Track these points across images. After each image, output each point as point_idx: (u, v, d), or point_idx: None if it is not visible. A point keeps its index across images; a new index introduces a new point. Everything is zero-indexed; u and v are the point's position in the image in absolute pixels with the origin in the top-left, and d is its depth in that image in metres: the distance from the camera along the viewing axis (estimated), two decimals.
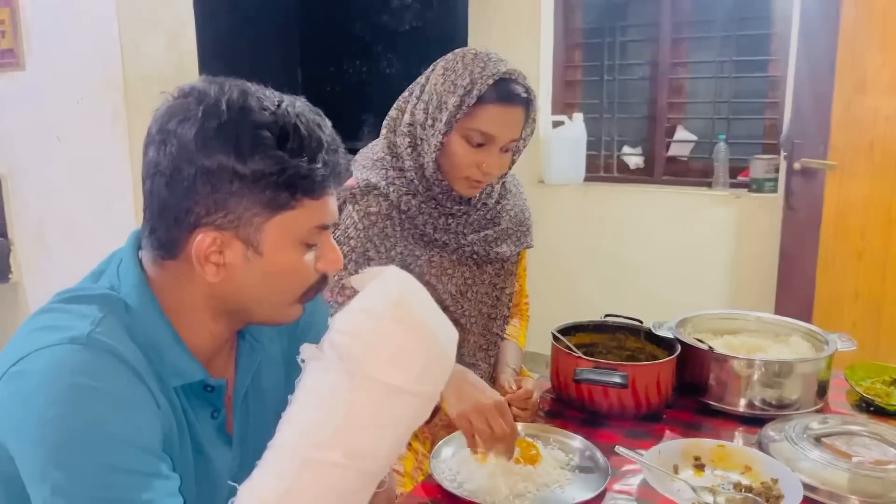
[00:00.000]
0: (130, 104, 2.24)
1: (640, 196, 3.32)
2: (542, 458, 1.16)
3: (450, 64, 1.31)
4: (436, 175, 1.32)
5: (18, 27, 2.45)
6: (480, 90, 1.25)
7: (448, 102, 1.27)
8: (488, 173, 1.31)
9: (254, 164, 0.76)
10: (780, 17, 2.99)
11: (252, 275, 0.81)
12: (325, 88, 3.98)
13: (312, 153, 0.79)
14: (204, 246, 0.78)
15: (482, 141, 1.28)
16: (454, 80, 1.27)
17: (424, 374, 0.72)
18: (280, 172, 0.77)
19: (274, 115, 0.78)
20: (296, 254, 0.82)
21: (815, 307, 2.62)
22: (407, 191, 1.35)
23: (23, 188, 2.64)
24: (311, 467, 0.69)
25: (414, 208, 1.35)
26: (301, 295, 0.86)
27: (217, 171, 0.76)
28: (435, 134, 1.29)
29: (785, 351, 1.46)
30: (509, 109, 1.28)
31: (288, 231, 0.80)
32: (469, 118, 1.27)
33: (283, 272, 0.82)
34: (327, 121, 0.84)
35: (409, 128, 1.34)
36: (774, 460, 1.11)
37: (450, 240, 1.39)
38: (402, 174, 1.35)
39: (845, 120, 2.53)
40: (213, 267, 0.80)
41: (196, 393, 0.85)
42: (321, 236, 0.85)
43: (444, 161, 1.32)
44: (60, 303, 0.81)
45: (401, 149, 1.35)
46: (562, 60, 3.55)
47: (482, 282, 1.46)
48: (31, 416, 0.71)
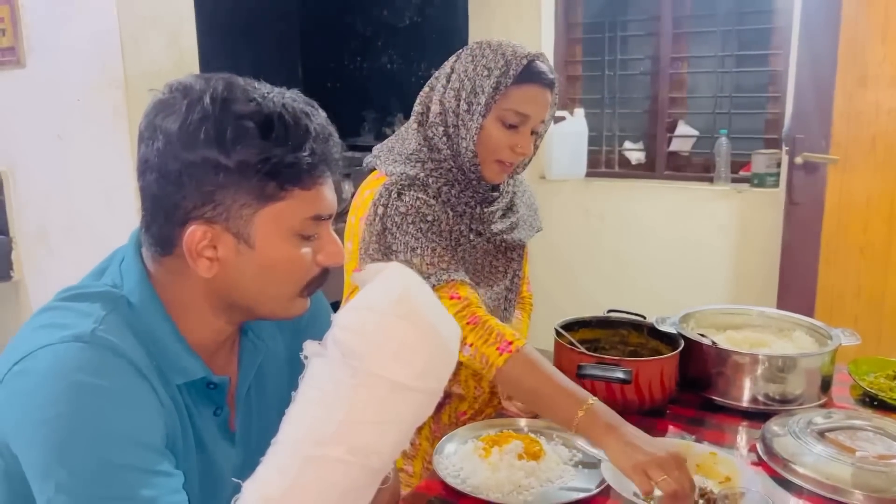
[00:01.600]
0: (131, 102, 2.24)
1: (641, 191, 3.32)
2: (546, 454, 1.17)
3: (476, 51, 1.33)
4: (473, 161, 1.33)
5: (18, 25, 2.44)
6: (516, 70, 1.28)
7: (484, 85, 1.29)
8: (522, 154, 1.33)
9: (237, 155, 0.75)
10: (781, 10, 2.98)
11: (246, 268, 0.81)
12: (326, 84, 3.98)
13: (298, 141, 0.78)
14: (195, 240, 0.78)
15: (516, 122, 1.31)
16: (486, 65, 1.30)
17: (427, 370, 0.72)
18: (264, 162, 0.76)
19: (258, 105, 0.77)
20: (290, 246, 0.81)
21: (818, 302, 2.62)
22: (446, 181, 1.35)
23: (24, 186, 2.64)
24: (315, 464, 0.69)
25: (454, 198, 1.36)
26: (302, 289, 0.85)
27: (202, 164, 0.76)
28: (474, 118, 1.31)
29: (788, 346, 1.46)
30: (540, 89, 1.31)
31: (279, 223, 0.79)
32: (505, 99, 1.29)
33: (277, 265, 0.81)
34: (319, 111, 0.83)
35: (440, 117, 1.35)
36: (756, 475, 1.09)
37: (483, 229, 1.40)
38: (439, 165, 1.35)
39: (847, 114, 2.53)
40: (206, 261, 0.79)
41: (199, 390, 0.85)
42: (319, 228, 0.83)
43: (479, 146, 1.33)
44: (64, 301, 0.81)
45: (435, 139, 1.35)
46: (563, 55, 3.55)
47: (507, 269, 1.47)
48: (34, 413, 0.71)
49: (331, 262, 0.86)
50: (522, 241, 1.48)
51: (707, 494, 1.05)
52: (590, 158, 3.47)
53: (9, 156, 2.63)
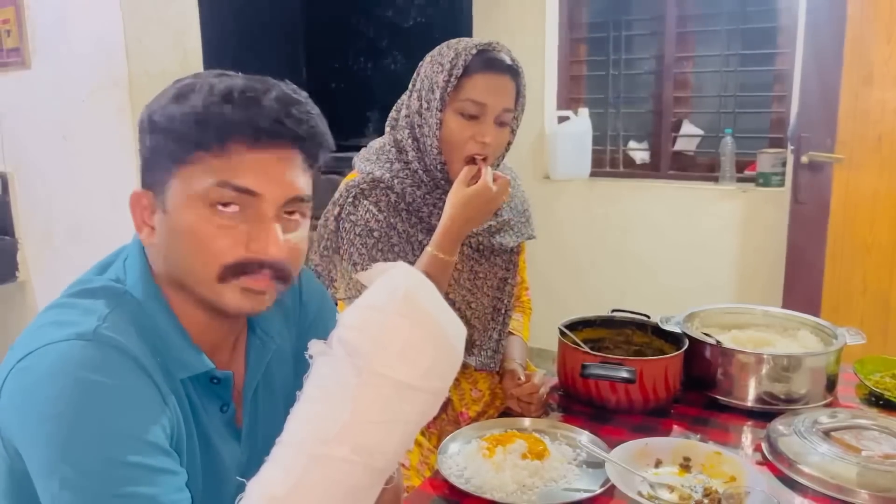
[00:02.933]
0: (135, 102, 2.25)
1: (646, 191, 3.31)
2: (550, 454, 1.16)
3: (435, 52, 1.37)
4: (438, 158, 1.34)
5: (23, 26, 2.45)
6: (466, 60, 1.30)
7: (438, 80, 1.31)
8: (486, 144, 1.32)
9: (149, 116, 0.80)
10: (786, 9, 2.97)
11: (167, 237, 0.81)
12: (330, 85, 3.98)
13: (202, 102, 0.76)
14: (137, 206, 0.83)
15: (475, 112, 1.31)
16: (440, 61, 1.33)
17: (432, 369, 0.71)
18: (169, 120, 0.78)
19: (198, 77, 0.80)
20: (194, 214, 0.78)
21: (824, 301, 2.61)
22: (412, 182, 1.37)
23: (29, 187, 2.65)
24: (319, 463, 0.69)
25: (419, 199, 1.37)
26: (220, 272, 0.79)
27: (140, 128, 0.82)
28: (432, 114, 1.32)
29: (793, 345, 1.46)
30: (496, 77, 1.32)
31: (187, 187, 0.78)
32: (459, 90, 1.31)
33: (183, 233, 0.78)
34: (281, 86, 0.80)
35: (407, 119, 1.38)
36: (761, 475, 1.09)
37: None
38: (406, 166, 1.37)
39: (853, 113, 2.52)
40: (148, 229, 0.83)
41: (203, 385, 0.85)
42: (253, 210, 0.78)
43: (444, 144, 1.34)
44: (69, 297, 0.82)
45: (403, 142, 1.38)
46: (567, 55, 3.55)
47: (491, 274, 1.46)
48: (38, 410, 0.71)
49: (262, 253, 0.79)
50: (505, 246, 1.47)
51: (712, 494, 1.04)
52: (594, 158, 3.46)
53: (14, 157, 2.64)
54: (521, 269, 1.60)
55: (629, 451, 1.13)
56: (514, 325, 1.56)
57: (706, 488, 1.06)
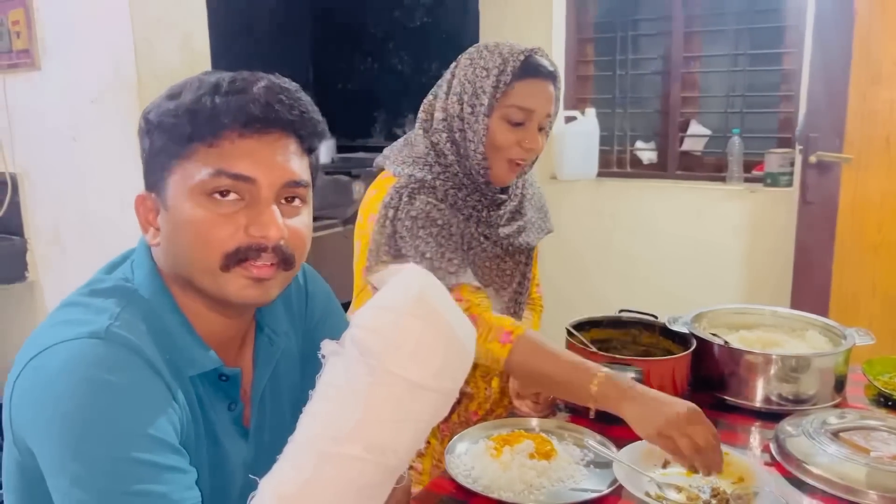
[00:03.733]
0: (144, 103, 2.23)
1: (653, 191, 3.30)
2: (557, 454, 1.16)
3: (473, 55, 1.34)
4: (483, 164, 1.34)
5: (33, 28, 2.46)
6: (514, 67, 1.29)
7: (485, 86, 1.30)
8: (531, 150, 1.33)
9: (144, 117, 0.81)
10: (794, 9, 2.96)
11: (171, 234, 0.82)
12: (337, 85, 3.99)
13: (196, 95, 0.79)
14: (142, 208, 0.84)
15: (521, 119, 1.31)
16: (484, 66, 1.31)
17: (443, 369, 0.72)
18: (165, 114, 0.79)
19: (198, 76, 0.82)
20: (194, 204, 0.79)
21: (832, 302, 2.60)
22: (453, 185, 1.36)
23: (39, 187, 2.66)
24: (332, 460, 0.70)
25: (460, 202, 1.36)
26: (223, 259, 0.80)
27: (139, 132, 0.83)
28: (478, 119, 1.31)
29: (801, 346, 1.45)
30: (541, 83, 1.32)
31: (185, 181, 0.80)
32: (507, 96, 1.30)
33: (185, 225, 0.80)
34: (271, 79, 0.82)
35: (444, 123, 1.36)
36: (769, 476, 1.09)
37: (490, 233, 1.41)
38: (446, 169, 1.36)
39: (861, 113, 2.51)
40: (153, 230, 0.84)
41: (212, 383, 0.86)
42: (251, 196, 0.79)
43: (487, 148, 1.33)
44: (81, 296, 0.83)
45: (440, 145, 1.36)
46: (574, 55, 3.54)
47: (516, 271, 1.48)
48: (49, 408, 0.72)
49: (262, 235, 0.79)
50: (530, 244, 1.48)
51: (720, 495, 1.04)
52: (601, 158, 3.46)
53: (24, 157, 2.66)
54: (535, 265, 1.61)
55: (637, 452, 1.13)
56: (524, 324, 1.57)
57: (714, 489, 1.06)
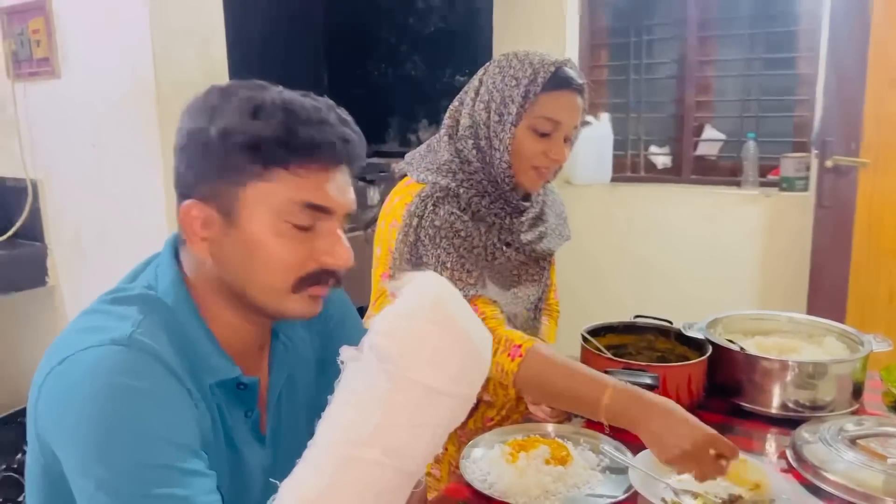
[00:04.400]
0: (162, 110, 2.28)
1: (668, 196, 3.29)
2: (573, 459, 1.17)
3: (503, 63, 1.34)
4: (507, 172, 1.34)
5: (53, 36, 2.50)
6: (545, 77, 1.29)
7: (514, 95, 1.30)
8: (556, 160, 1.34)
9: (224, 130, 0.78)
10: (809, 13, 2.95)
11: (233, 249, 0.82)
12: (351, 91, 4.01)
13: (284, 121, 0.78)
14: (188, 217, 0.81)
15: (548, 130, 1.32)
16: (514, 75, 1.31)
17: (460, 375, 0.73)
18: (244, 135, 0.78)
19: (259, 91, 0.81)
20: (275, 231, 0.80)
21: (849, 307, 2.58)
22: (476, 192, 1.36)
23: (58, 194, 2.70)
24: (351, 465, 0.71)
25: (483, 209, 1.37)
26: (295, 283, 0.83)
27: (195, 138, 0.80)
28: (506, 128, 1.31)
29: (818, 352, 1.45)
30: (570, 95, 1.32)
31: (264, 203, 0.80)
32: (536, 107, 1.30)
33: (260, 248, 0.81)
34: (339, 111, 0.83)
35: (470, 130, 1.36)
36: (786, 482, 1.08)
37: (513, 240, 1.41)
38: (470, 176, 1.37)
39: (877, 117, 2.49)
40: (200, 241, 0.82)
41: (230, 391, 0.87)
42: (319, 221, 0.82)
43: (512, 155, 1.34)
44: (104, 304, 0.84)
45: (465, 152, 1.36)
46: (587, 60, 3.54)
47: (538, 278, 1.48)
48: (74, 413, 0.73)
49: (335, 264, 0.84)
50: (552, 250, 1.49)
51: (736, 501, 1.04)
52: (615, 163, 3.45)
53: (44, 164, 2.70)
54: (552, 271, 1.61)
55: (653, 458, 1.13)
56: (542, 329, 1.57)
57: (731, 495, 1.05)
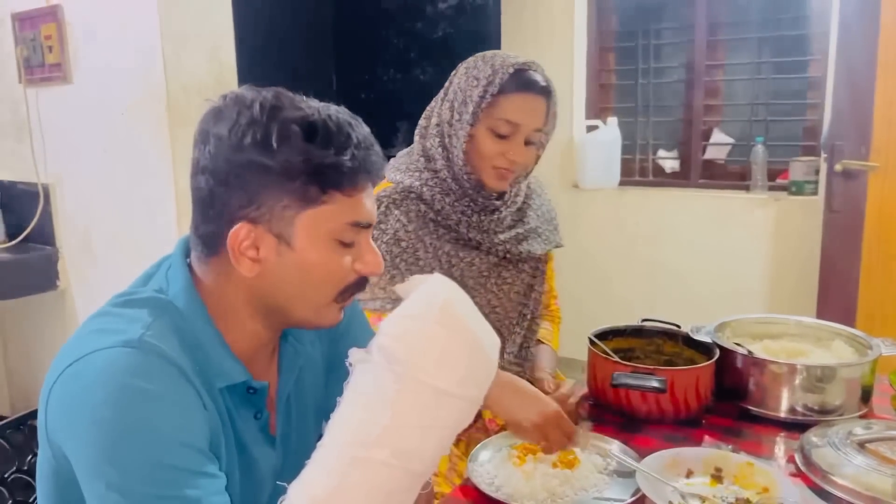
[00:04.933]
0: (173, 115, 2.30)
1: (676, 199, 3.29)
2: (580, 462, 1.17)
3: (470, 63, 1.38)
4: (465, 168, 1.37)
5: (65, 42, 2.53)
6: (502, 79, 1.32)
7: (472, 95, 1.33)
8: (514, 161, 1.35)
9: (281, 156, 0.78)
10: (819, 16, 2.94)
11: (285, 270, 0.83)
12: (360, 96, 4.02)
13: (340, 146, 0.80)
14: (238, 239, 0.81)
15: (507, 132, 1.33)
16: (476, 75, 1.34)
17: (468, 377, 0.73)
18: (306, 164, 0.79)
19: (304, 112, 0.80)
20: (329, 250, 0.83)
21: (859, 311, 2.56)
22: (441, 190, 1.40)
23: (70, 198, 2.72)
24: (360, 465, 0.71)
25: (448, 207, 1.40)
26: (337, 295, 0.87)
27: (248, 165, 0.79)
28: (462, 126, 1.35)
29: (827, 355, 1.44)
30: (530, 97, 1.33)
31: (319, 226, 0.82)
32: (493, 108, 1.33)
33: (315, 268, 0.83)
34: (362, 125, 0.85)
35: (437, 128, 1.40)
36: (794, 487, 1.08)
37: (483, 239, 1.42)
38: (435, 175, 1.40)
39: (887, 120, 2.48)
40: (248, 261, 0.82)
41: (239, 394, 0.88)
42: (359, 236, 0.86)
43: (473, 155, 1.37)
44: (115, 307, 0.85)
45: (432, 150, 1.40)
46: (595, 64, 3.54)
47: (518, 280, 1.48)
48: (85, 415, 0.74)
49: (369, 271, 0.88)
50: (532, 253, 1.49)
51: None
52: (623, 167, 3.45)
53: (56, 168, 2.72)
54: (550, 277, 1.61)
55: (660, 461, 1.13)
56: (544, 333, 1.57)
57: (738, 499, 1.05)
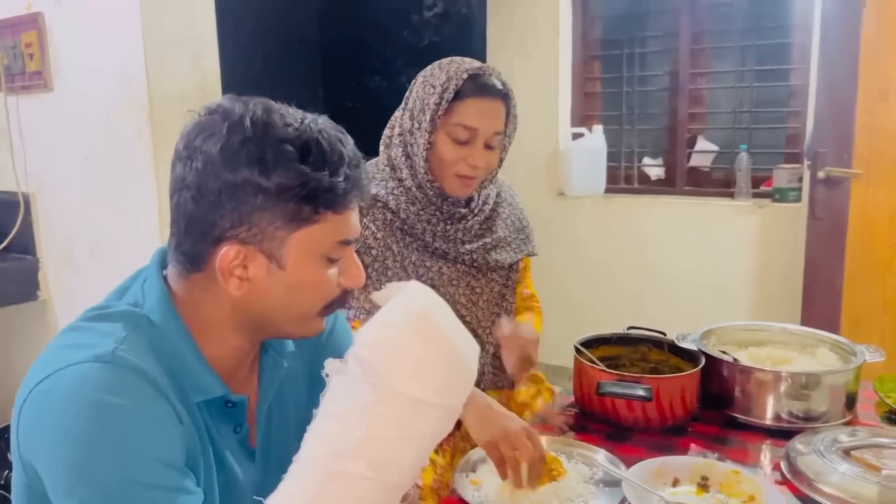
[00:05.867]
0: (155, 123, 2.28)
1: (661, 207, 3.30)
2: (566, 472, 1.16)
3: (427, 72, 1.39)
4: (427, 176, 1.38)
5: (46, 49, 2.50)
6: (457, 85, 1.32)
7: (429, 102, 1.34)
8: (476, 167, 1.36)
9: (277, 177, 0.77)
10: (801, 25, 2.97)
11: (275, 288, 0.82)
12: (346, 104, 4.01)
13: (334, 167, 0.80)
14: (228, 259, 0.80)
15: (466, 137, 1.34)
16: (432, 83, 1.35)
17: (446, 386, 0.72)
18: (302, 186, 0.78)
19: (297, 130, 0.79)
20: (318, 268, 0.83)
21: (843, 318, 2.58)
22: (406, 199, 1.40)
23: (51, 207, 2.69)
24: (336, 479, 0.70)
25: (413, 216, 1.40)
26: (322, 309, 0.87)
27: (241, 186, 0.77)
28: (422, 134, 1.35)
29: (812, 363, 1.44)
30: (486, 101, 1.34)
31: (311, 245, 0.81)
32: (450, 114, 1.33)
33: (305, 286, 0.83)
34: (349, 137, 0.85)
35: (400, 138, 1.41)
36: (780, 494, 1.07)
37: (449, 248, 1.42)
38: (400, 184, 1.41)
39: (869, 128, 2.50)
40: (237, 280, 0.81)
41: (218, 408, 0.86)
42: (344, 251, 0.85)
43: (434, 162, 1.37)
44: (87, 321, 0.83)
45: (396, 160, 1.42)
46: (581, 72, 3.56)
47: (488, 289, 1.48)
48: (56, 432, 0.72)
49: (353, 285, 0.88)
50: (501, 263, 1.49)
51: None
52: (609, 174, 3.47)
53: (36, 177, 2.69)
54: (528, 284, 1.60)
55: (646, 470, 1.12)
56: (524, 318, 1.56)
57: None
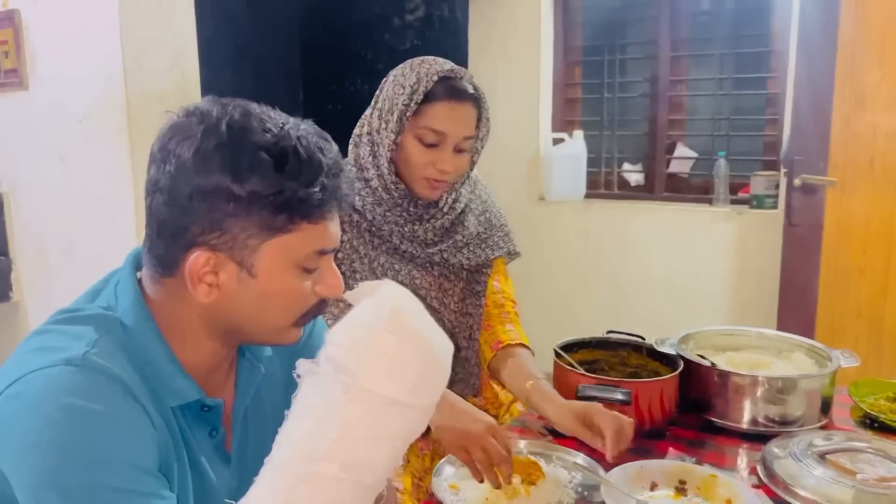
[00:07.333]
0: (132, 123, 2.25)
1: (640, 212, 3.32)
2: (545, 476, 1.16)
3: (398, 71, 1.36)
4: (391, 177, 1.35)
5: (21, 47, 2.47)
6: (427, 87, 1.29)
7: (398, 103, 1.31)
8: (445, 171, 1.33)
9: (250, 185, 0.75)
10: (779, 34, 3.01)
11: (245, 297, 0.80)
12: (327, 107, 3.99)
13: (311, 176, 0.78)
14: (197, 266, 0.78)
15: (435, 141, 1.31)
16: (402, 83, 1.32)
17: (419, 385, 0.71)
18: (277, 195, 0.76)
19: (275, 137, 0.77)
20: (292, 277, 0.81)
21: (818, 323, 2.61)
22: (373, 200, 1.38)
23: (25, 207, 2.65)
24: (308, 481, 0.69)
25: (379, 217, 1.38)
26: (298, 318, 0.85)
27: (213, 192, 0.75)
28: (388, 134, 1.32)
29: (788, 367, 1.46)
30: (458, 105, 1.31)
31: (284, 254, 0.79)
32: (419, 117, 1.31)
33: (277, 295, 0.81)
34: (333, 144, 0.83)
35: (368, 137, 1.38)
36: (757, 498, 1.08)
37: (416, 250, 1.41)
38: (367, 184, 1.38)
39: (845, 136, 2.54)
40: (206, 287, 0.79)
41: (193, 412, 0.85)
42: (321, 260, 0.83)
43: (401, 164, 1.35)
44: (57, 324, 0.81)
45: (363, 159, 1.38)
46: (562, 78, 3.57)
47: (459, 290, 1.47)
48: (25, 438, 0.70)
49: (330, 294, 0.86)
50: (469, 262, 1.46)
51: None
52: (589, 180, 3.48)
53: (10, 177, 2.65)
54: (504, 282, 1.57)
55: (625, 474, 1.12)
56: (512, 335, 1.49)
57: None
